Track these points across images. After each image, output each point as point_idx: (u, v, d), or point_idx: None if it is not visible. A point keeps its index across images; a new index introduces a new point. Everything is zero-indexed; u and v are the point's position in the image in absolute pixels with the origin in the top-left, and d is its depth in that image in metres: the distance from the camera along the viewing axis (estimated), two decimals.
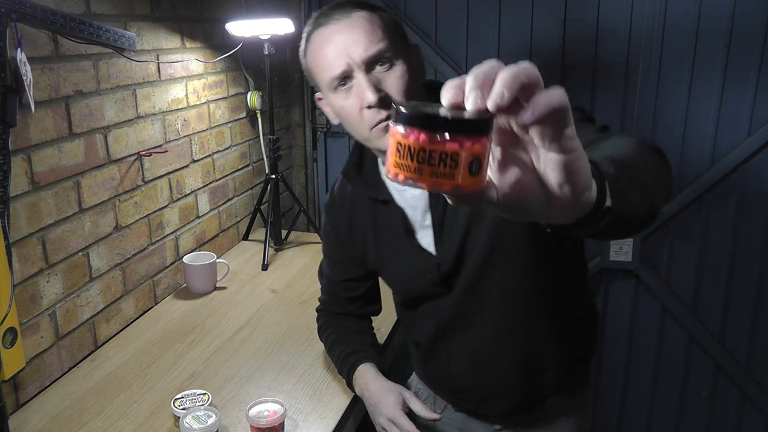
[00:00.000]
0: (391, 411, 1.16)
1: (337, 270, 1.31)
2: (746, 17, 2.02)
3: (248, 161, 2.26)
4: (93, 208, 1.49)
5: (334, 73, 0.96)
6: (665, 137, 2.20)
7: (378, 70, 0.96)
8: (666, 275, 2.33)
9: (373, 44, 0.94)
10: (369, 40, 0.94)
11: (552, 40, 2.22)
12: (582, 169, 0.46)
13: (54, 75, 1.34)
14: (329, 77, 0.97)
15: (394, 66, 0.96)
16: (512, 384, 1.16)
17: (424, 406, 1.18)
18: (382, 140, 0.97)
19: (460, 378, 1.20)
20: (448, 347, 1.18)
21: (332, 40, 0.96)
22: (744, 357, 2.33)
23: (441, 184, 0.44)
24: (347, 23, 0.96)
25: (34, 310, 1.33)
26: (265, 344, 1.54)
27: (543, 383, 1.17)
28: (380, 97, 0.94)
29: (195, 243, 1.95)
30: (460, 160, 0.43)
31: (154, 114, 1.70)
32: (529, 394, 1.17)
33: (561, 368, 1.17)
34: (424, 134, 0.43)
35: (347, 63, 0.95)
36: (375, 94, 0.93)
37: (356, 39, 0.95)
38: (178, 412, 1.20)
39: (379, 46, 0.95)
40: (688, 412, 2.45)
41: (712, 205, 2.22)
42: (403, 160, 0.44)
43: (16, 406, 1.30)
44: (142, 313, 1.70)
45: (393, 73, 0.96)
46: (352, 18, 0.96)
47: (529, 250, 1.05)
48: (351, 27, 0.95)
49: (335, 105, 1.00)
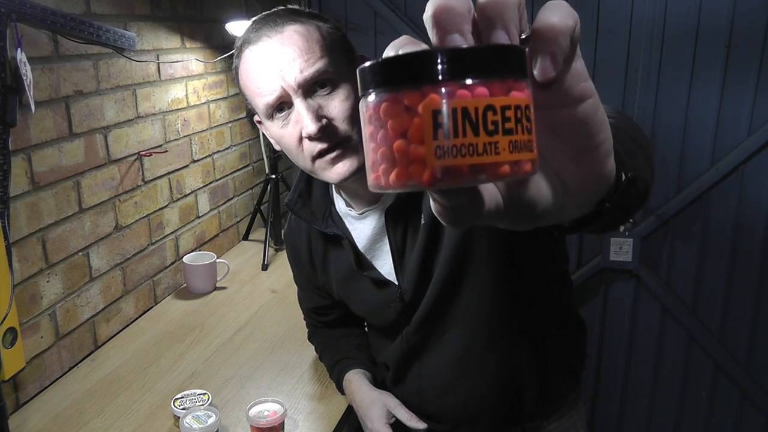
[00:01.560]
0: (375, 426, 1.13)
1: (308, 300, 1.26)
2: (746, 17, 2.02)
3: (248, 161, 2.26)
4: (93, 208, 1.49)
5: (268, 99, 0.85)
6: (665, 137, 2.20)
7: (318, 94, 0.85)
8: (666, 275, 2.33)
9: (311, 64, 0.83)
10: (305, 59, 0.83)
11: None
12: (603, 118, 0.35)
13: (54, 75, 1.34)
14: (263, 104, 0.86)
15: (338, 87, 0.85)
16: (488, 407, 1.09)
17: (410, 415, 1.13)
18: (326, 172, 0.88)
19: (432, 401, 1.12)
20: (418, 370, 1.12)
21: (264, 62, 0.84)
22: (744, 357, 2.33)
23: (523, 163, 0.29)
24: (279, 40, 0.84)
25: (34, 310, 1.33)
26: (265, 344, 1.54)
27: (521, 405, 1.08)
28: (321, 126, 0.83)
29: (195, 243, 1.95)
30: (532, 117, 0.29)
31: (154, 114, 1.70)
32: (506, 417, 1.10)
33: (542, 389, 1.08)
34: (485, 86, 0.28)
35: (282, 88, 0.84)
36: (315, 123, 0.83)
37: (290, 59, 0.83)
38: (178, 412, 1.20)
39: (317, 66, 0.83)
40: (688, 412, 2.45)
41: (712, 205, 2.22)
42: (457, 140, 0.27)
43: (16, 406, 1.30)
44: (142, 313, 1.70)
45: (336, 96, 0.85)
46: (285, 33, 0.84)
47: (495, 267, 0.97)
48: (284, 44, 0.83)
49: (273, 133, 0.90)
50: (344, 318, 1.26)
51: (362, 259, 1.04)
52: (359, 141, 0.87)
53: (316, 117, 0.83)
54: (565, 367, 1.13)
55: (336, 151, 0.86)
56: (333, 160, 0.87)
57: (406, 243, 0.99)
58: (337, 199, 1.04)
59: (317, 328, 1.35)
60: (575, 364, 1.16)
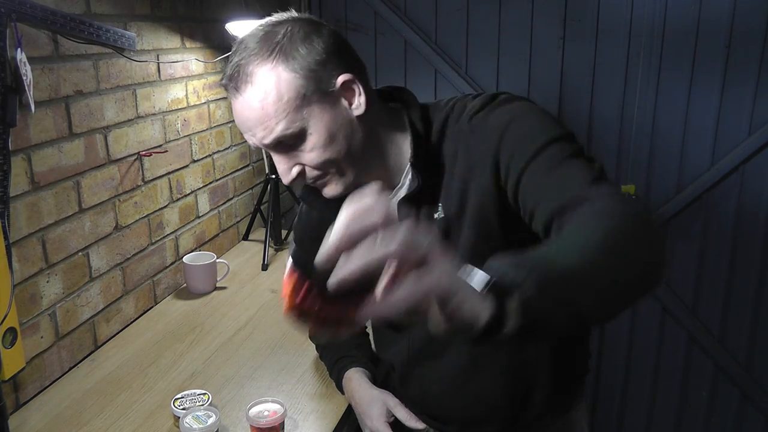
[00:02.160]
0: (375, 424, 1.14)
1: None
2: (746, 17, 2.02)
3: (248, 161, 2.26)
4: (93, 208, 1.49)
5: (252, 145, 0.92)
6: (665, 137, 2.20)
7: (288, 146, 0.88)
8: (666, 275, 2.33)
9: (270, 131, 0.86)
10: (264, 127, 0.86)
11: (552, 40, 2.22)
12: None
13: (54, 75, 1.34)
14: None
15: (304, 137, 0.87)
16: (496, 407, 1.09)
17: (409, 414, 1.13)
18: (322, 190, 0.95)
19: (439, 403, 1.13)
20: (424, 372, 1.12)
21: (236, 115, 0.90)
22: (744, 357, 2.33)
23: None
24: (241, 103, 0.86)
25: (34, 310, 1.33)
26: (265, 344, 1.54)
27: (528, 407, 1.09)
28: (294, 177, 0.90)
29: (195, 243, 1.95)
30: None
31: (154, 114, 1.70)
32: (513, 418, 1.10)
33: (549, 390, 1.08)
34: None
35: (254, 144, 0.90)
36: (288, 174, 0.90)
37: (253, 124, 0.87)
38: (178, 412, 1.20)
39: (276, 133, 0.86)
40: (688, 412, 2.45)
41: (712, 205, 2.22)
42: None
43: (16, 406, 1.30)
44: (142, 313, 1.70)
45: (303, 148, 0.88)
46: (246, 97, 0.85)
47: None
48: (245, 108, 0.86)
49: None
50: None
51: None
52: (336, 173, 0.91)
53: (287, 168, 0.90)
54: (572, 367, 1.14)
55: (318, 183, 0.93)
56: (322, 186, 0.93)
57: None
58: None
59: None
60: (581, 366, 1.16)
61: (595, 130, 2.26)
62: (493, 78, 2.32)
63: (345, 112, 0.89)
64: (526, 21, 2.23)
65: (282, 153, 0.90)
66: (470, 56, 2.33)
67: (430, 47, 2.33)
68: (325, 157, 0.88)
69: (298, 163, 0.90)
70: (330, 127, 0.87)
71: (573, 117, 2.26)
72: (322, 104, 0.87)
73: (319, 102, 0.87)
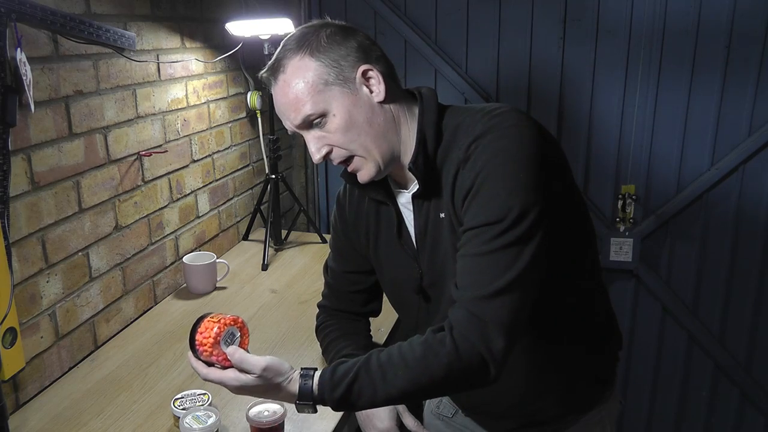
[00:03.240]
0: (385, 425, 1.16)
1: (340, 261, 1.30)
2: (746, 17, 2.02)
3: (248, 161, 2.26)
4: (93, 208, 1.49)
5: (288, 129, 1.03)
6: (665, 137, 2.20)
7: (317, 126, 0.99)
8: (666, 275, 2.33)
9: (298, 113, 0.98)
10: (293, 110, 0.98)
11: (552, 40, 2.22)
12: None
13: (54, 75, 1.34)
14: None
15: (328, 120, 0.98)
16: (516, 404, 1.13)
17: (415, 421, 1.18)
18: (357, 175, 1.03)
19: (465, 396, 1.20)
20: None
21: (275, 104, 1.02)
22: (744, 357, 2.33)
23: None
24: (277, 90, 1.00)
25: (34, 310, 1.33)
26: (265, 344, 1.54)
27: (548, 406, 1.13)
28: (323, 155, 1.00)
29: (195, 243, 1.95)
30: None
31: (154, 114, 1.70)
32: (533, 415, 1.15)
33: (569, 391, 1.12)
34: None
35: (289, 127, 1.01)
36: (318, 153, 1.00)
37: (286, 108, 0.99)
38: (178, 412, 1.20)
39: (303, 113, 0.97)
40: (688, 412, 2.45)
41: (712, 205, 2.22)
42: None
43: (16, 406, 1.30)
44: (142, 313, 1.70)
45: (329, 128, 0.98)
46: (279, 84, 0.99)
47: None
48: (279, 95, 1.00)
49: None
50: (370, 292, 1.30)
51: (403, 227, 1.11)
52: (364, 153, 0.99)
53: (318, 148, 1.00)
54: (594, 376, 1.15)
55: (348, 165, 1.02)
56: (352, 170, 1.02)
57: (427, 230, 1.05)
58: None
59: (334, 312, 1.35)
60: (604, 371, 1.17)
61: (595, 130, 2.26)
62: (493, 78, 2.32)
63: (366, 98, 0.99)
64: (526, 21, 2.23)
65: (312, 134, 1.00)
66: (470, 56, 2.33)
67: (430, 47, 2.33)
68: (348, 136, 0.98)
69: (326, 144, 0.99)
70: (350, 110, 0.97)
71: (573, 117, 2.26)
72: (343, 89, 0.97)
73: (341, 87, 0.97)
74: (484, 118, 0.96)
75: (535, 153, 0.90)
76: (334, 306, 1.36)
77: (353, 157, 1.00)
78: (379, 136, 0.99)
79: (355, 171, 1.02)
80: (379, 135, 0.99)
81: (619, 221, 2.29)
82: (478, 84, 2.34)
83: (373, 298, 1.34)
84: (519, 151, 0.90)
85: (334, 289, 1.35)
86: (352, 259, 1.27)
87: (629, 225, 2.29)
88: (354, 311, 1.34)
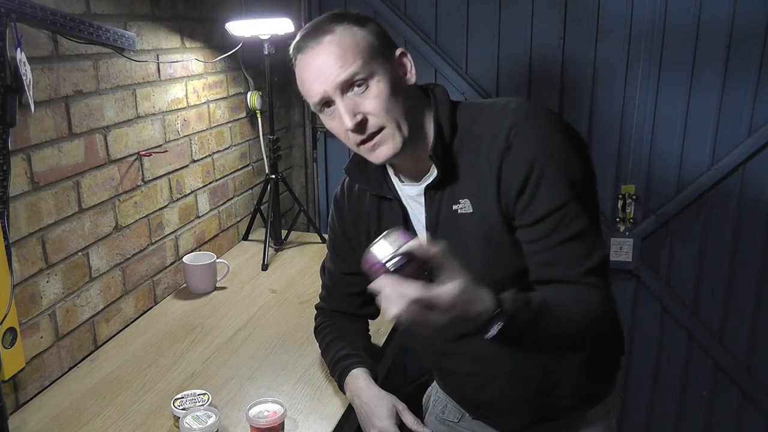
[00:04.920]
0: (384, 423, 1.16)
1: (339, 262, 1.31)
2: (746, 17, 2.02)
3: (248, 161, 2.26)
4: (93, 208, 1.49)
5: (314, 99, 1.01)
6: (665, 137, 2.20)
7: (355, 92, 0.98)
8: (666, 275, 2.33)
9: (344, 69, 0.96)
10: (340, 65, 0.96)
11: (552, 40, 2.22)
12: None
13: (54, 75, 1.34)
14: (312, 103, 1.03)
15: (370, 85, 0.98)
16: (530, 398, 1.15)
17: (416, 420, 1.17)
18: (370, 156, 1.02)
19: (474, 394, 1.20)
20: (457, 365, 1.19)
21: (308, 68, 1.00)
22: (744, 357, 2.33)
23: None
24: (320, 50, 0.98)
25: (33, 310, 1.33)
26: (265, 344, 1.54)
27: (561, 398, 1.15)
28: (357, 122, 0.98)
29: (195, 243, 1.95)
30: None
31: (154, 114, 1.70)
32: (546, 408, 1.17)
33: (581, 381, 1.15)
34: None
35: (323, 90, 0.98)
36: (352, 120, 0.97)
37: (328, 65, 0.97)
38: (178, 412, 1.20)
39: (350, 70, 0.96)
40: (688, 412, 2.45)
41: (712, 205, 2.22)
42: None
43: (16, 406, 1.30)
44: (142, 313, 1.70)
45: (369, 94, 0.98)
46: (323, 44, 0.98)
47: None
48: (323, 54, 0.98)
49: (325, 124, 1.06)
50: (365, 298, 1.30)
51: (409, 221, 1.13)
52: (395, 128, 0.99)
53: (351, 114, 0.98)
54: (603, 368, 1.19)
55: (373, 140, 1.00)
56: (373, 146, 1.01)
57: (439, 221, 1.06)
58: (388, 167, 1.14)
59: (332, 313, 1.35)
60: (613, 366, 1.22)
61: (595, 130, 2.26)
62: (493, 78, 2.32)
63: (402, 78, 1.02)
64: (527, 21, 2.23)
65: (346, 99, 0.98)
66: (470, 56, 2.33)
67: (430, 47, 2.33)
68: (387, 105, 0.98)
69: (360, 112, 0.98)
70: (392, 83, 0.99)
71: (573, 117, 2.26)
72: (385, 64, 0.99)
73: (384, 61, 1.00)
74: (505, 108, 1.01)
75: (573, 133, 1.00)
76: (331, 307, 1.36)
77: (381, 131, 1.00)
78: (409, 115, 1.00)
79: (376, 146, 1.00)
80: (409, 114, 1.00)
81: (619, 221, 2.29)
82: (478, 84, 2.34)
83: (370, 300, 1.34)
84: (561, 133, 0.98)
85: (332, 290, 1.35)
86: (351, 260, 1.27)
87: (629, 225, 2.29)
88: (351, 312, 1.34)
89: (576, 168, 0.97)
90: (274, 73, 2.09)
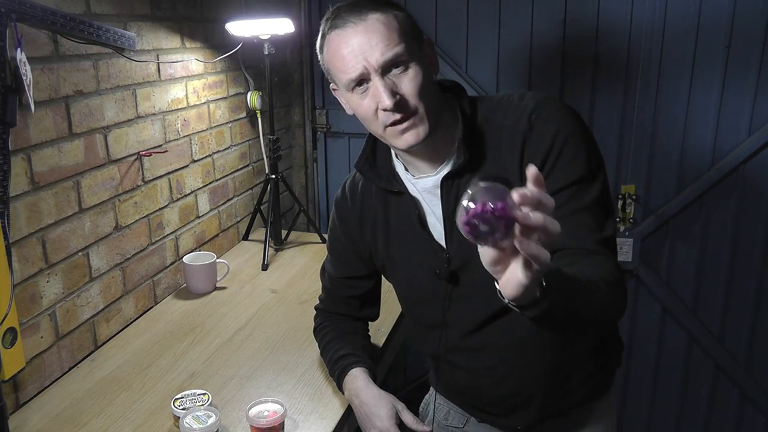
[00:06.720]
0: (384, 424, 1.16)
1: (339, 266, 1.30)
2: (746, 17, 2.02)
3: (248, 161, 2.26)
4: (93, 208, 1.49)
5: (351, 75, 0.99)
6: (665, 137, 2.20)
7: (393, 73, 0.98)
8: (666, 275, 2.33)
9: (390, 48, 0.97)
10: (386, 44, 0.97)
11: (552, 40, 2.22)
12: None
13: (54, 75, 1.34)
14: (347, 79, 1.00)
15: (409, 68, 0.98)
16: (540, 393, 1.15)
17: (415, 419, 1.17)
18: (396, 140, 1.01)
19: (484, 391, 1.18)
20: (467, 361, 1.17)
21: (349, 43, 0.98)
22: (744, 357, 2.33)
23: None
24: (364, 27, 0.97)
25: (34, 310, 1.33)
26: (265, 344, 1.54)
27: (573, 389, 1.17)
28: (396, 101, 0.97)
29: (195, 243, 1.95)
30: None
31: (154, 114, 1.70)
32: (559, 401, 1.17)
33: (590, 371, 1.17)
34: None
35: (364, 67, 0.97)
36: (391, 98, 0.97)
37: (373, 43, 0.97)
38: (178, 412, 1.20)
39: (395, 51, 0.97)
40: (688, 412, 2.45)
41: (712, 205, 2.22)
42: None
43: (16, 406, 1.30)
44: (142, 313, 1.70)
45: (407, 76, 0.98)
46: (368, 21, 0.97)
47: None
48: (367, 31, 0.97)
49: (351, 103, 1.05)
50: (367, 297, 1.31)
51: (421, 214, 1.12)
52: (425, 113, 0.99)
53: (390, 93, 0.97)
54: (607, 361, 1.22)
55: (406, 123, 0.99)
56: (403, 130, 1.00)
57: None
58: (396, 163, 1.14)
59: (331, 315, 1.35)
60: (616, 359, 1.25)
61: (595, 130, 2.25)
62: (493, 78, 2.32)
63: (429, 67, 1.03)
64: (526, 21, 2.23)
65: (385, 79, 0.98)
66: (470, 56, 2.33)
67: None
68: (422, 90, 0.99)
69: (398, 93, 0.98)
70: (426, 69, 1.00)
71: None
72: (419, 50, 1.01)
73: (418, 47, 1.02)
74: (524, 97, 1.04)
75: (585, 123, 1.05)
76: (330, 309, 1.36)
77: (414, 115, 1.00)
78: (436, 103, 1.02)
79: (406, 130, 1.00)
80: (436, 102, 1.02)
81: (619, 221, 2.29)
82: (478, 84, 2.34)
83: (371, 302, 1.34)
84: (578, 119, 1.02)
85: (331, 293, 1.35)
86: (352, 263, 1.27)
87: (629, 225, 2.29)
88: (351, 314, 1.34)
89: (592, 148, 1.01)
90: (274, 73, 2.09)
